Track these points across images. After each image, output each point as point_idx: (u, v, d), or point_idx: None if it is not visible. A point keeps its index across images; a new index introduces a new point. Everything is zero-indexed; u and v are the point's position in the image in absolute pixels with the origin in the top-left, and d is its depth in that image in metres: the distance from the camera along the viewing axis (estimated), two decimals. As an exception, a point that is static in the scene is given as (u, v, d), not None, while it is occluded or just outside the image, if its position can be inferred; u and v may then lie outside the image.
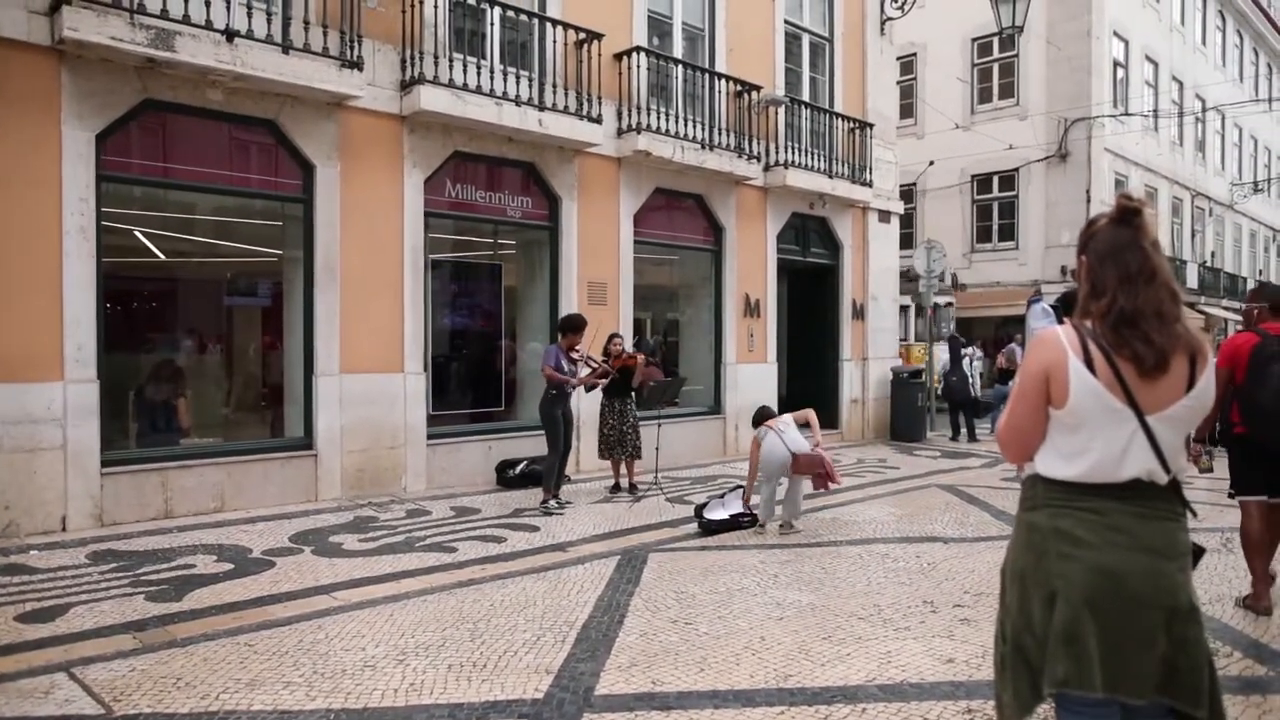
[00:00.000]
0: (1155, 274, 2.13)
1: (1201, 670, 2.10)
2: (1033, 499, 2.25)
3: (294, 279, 8.46)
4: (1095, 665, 2.05)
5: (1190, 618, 2.09)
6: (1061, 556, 2.13)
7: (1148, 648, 2.05)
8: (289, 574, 5.67)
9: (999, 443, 2.40)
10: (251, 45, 7.30)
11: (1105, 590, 2.07)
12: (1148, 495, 2.12)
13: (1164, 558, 2.10)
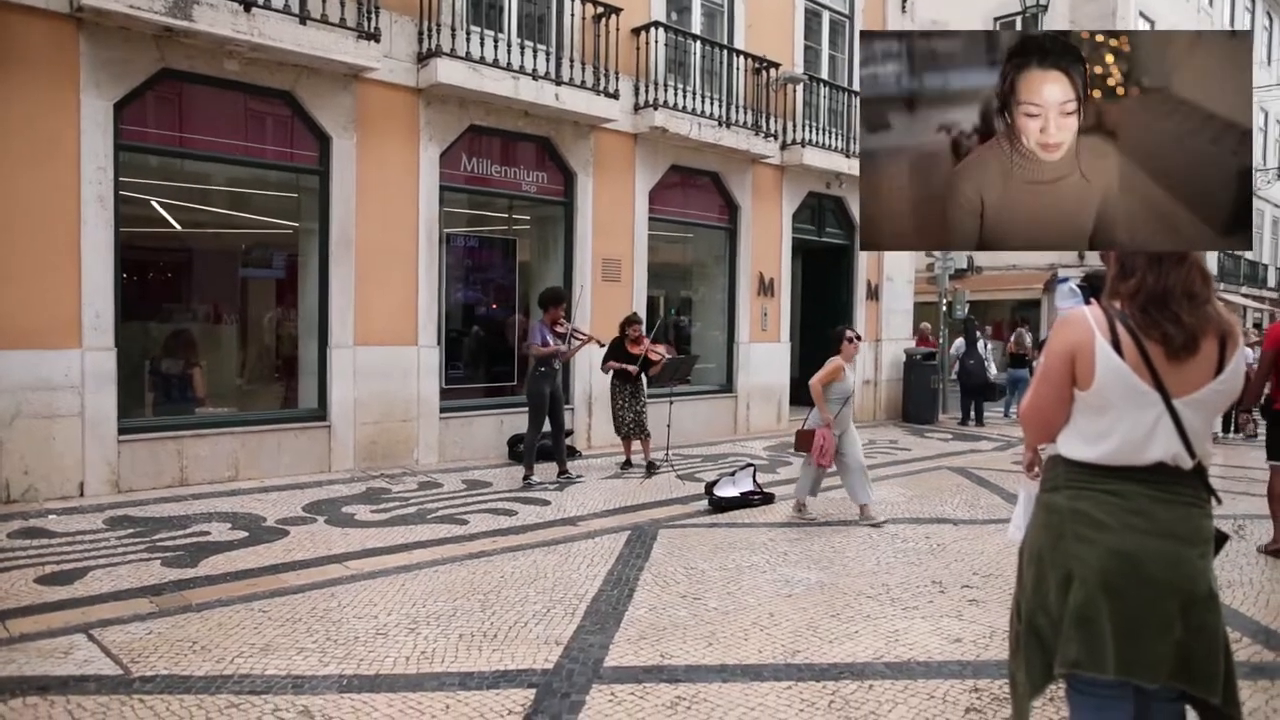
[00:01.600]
0: (1185, 254, 2.11)
1: (1217, 657, 2.09)
2: (1054, 480, 2.24)
3: (309, 251, 8.48)
4: (1109, 648, 2.05)
5: (1208, 605, 2.08)
6: (1079, 539, 2.12)
7: (1163, 633, 2.04)
8: (302, 543, 5.74)
9: (1022, 422, 2.38)
10: (269, 15, 7.29)
11: (1122, 574, 2.06)
12: (1171, 480, 2.11)
13: (1185, 543, 2.08)
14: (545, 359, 8.12)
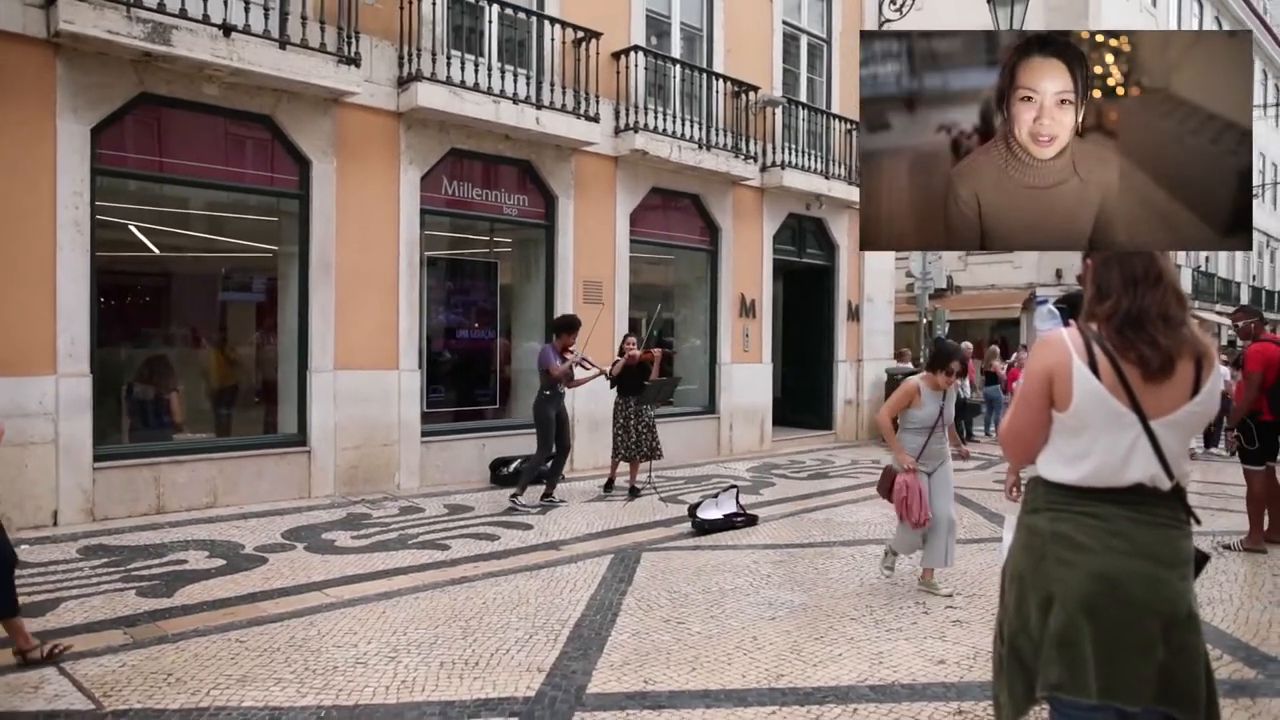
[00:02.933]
0: (1161, 276, 2.12)
1: (1199, 678, 2.09)
2: (1034, 501, 2.24)
3: (289, 275, 8.44)
4: (1090, 671, 2.05)
5: (1189, 626, 2.08)
6: (1060, 561, 2.12)
7: (1145, 655, 2.04)
8: (281, 570, 5.66)
9: (1001, 444, 2.39)
10: (249, 40, 7.29)
11: (1103, 596, 2.06)
12: (1150, 501, 2.11)
13: (1165, 565, 2.08)
14: (553, 383, 8.06)
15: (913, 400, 5.33)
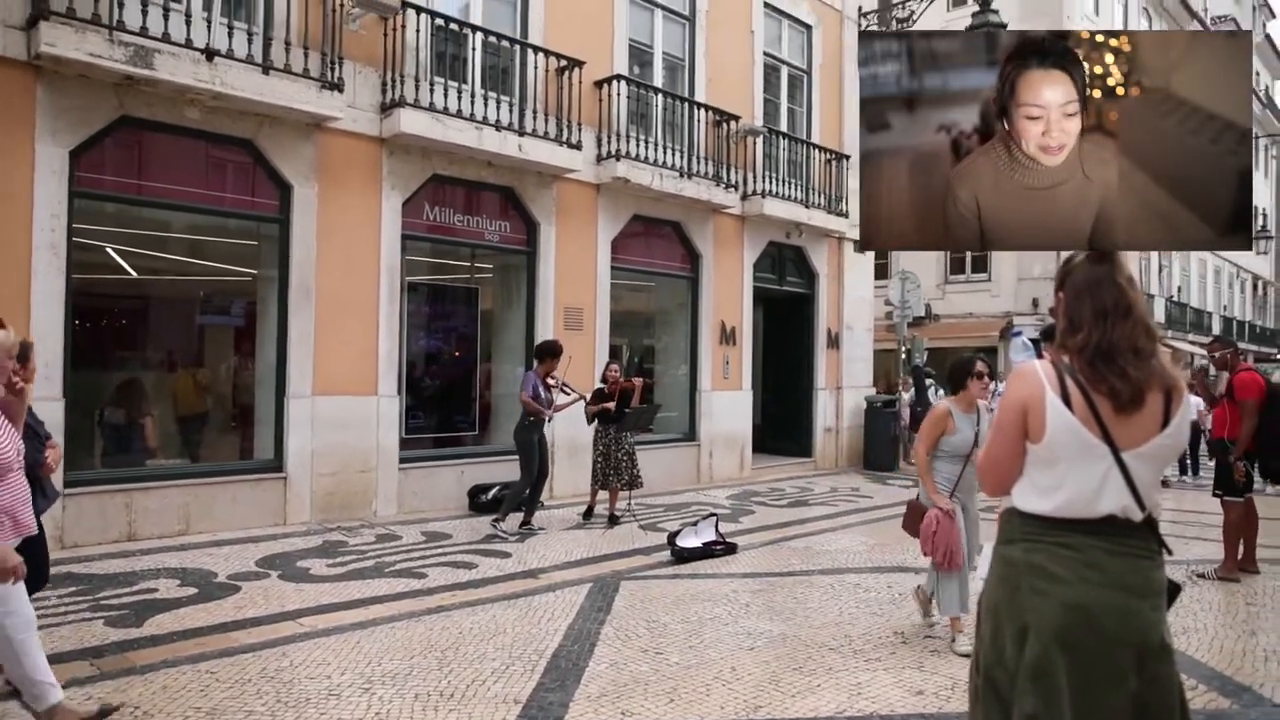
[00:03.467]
0: (1131, 309, 2.15)
1: (1173, 708, 2.10)
2: (1009, 532, 2.25)
3: (268, 299, 8.39)
4: (1065, 702, 2.05)
5: (1162, 656, 2.09)
6: (1035, 592, 2.12)
7: (1118, 686, 2.05)
8: (254, 599, 5.58)
9: (978, 475, 2.40)
10: (231, 65, 7.29)
11: (1077, 627, 2.07)
12: (1123, 532, 2.12)
13: (1137, 595, 2.09)
14: (534, 413, 8.05)
15: (945, 426, 4.93)
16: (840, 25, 14.38)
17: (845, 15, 14.45)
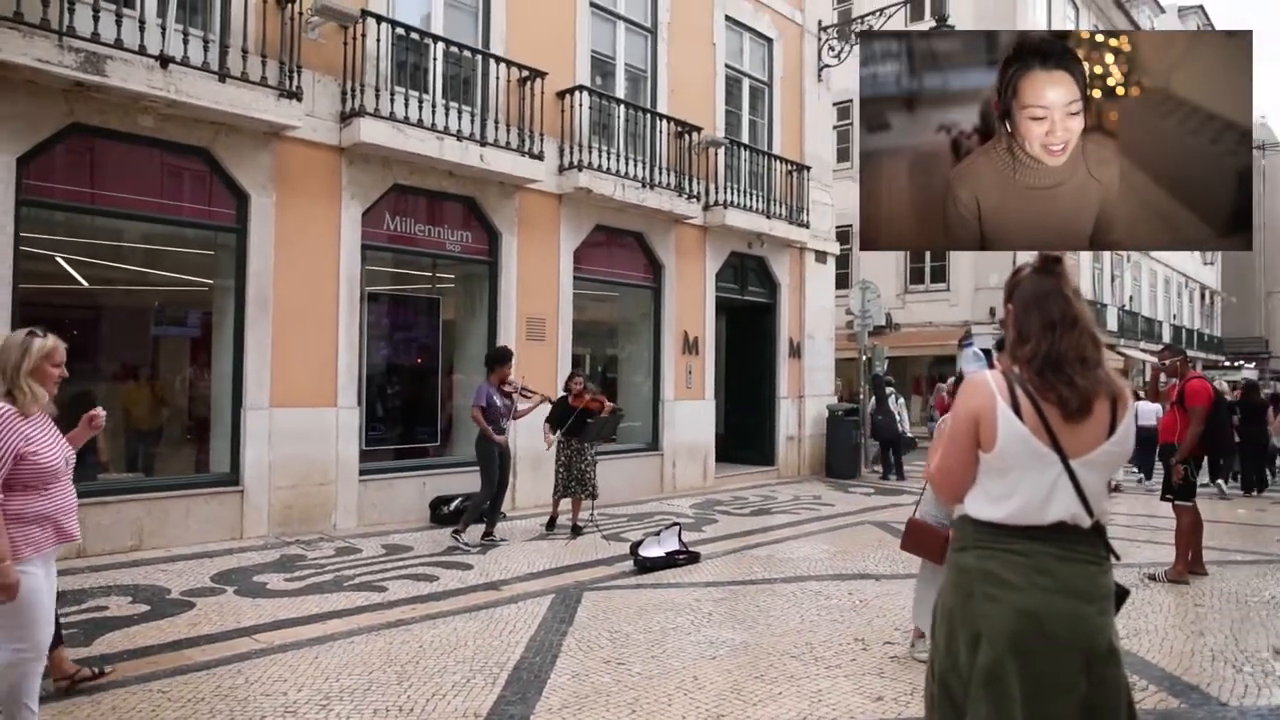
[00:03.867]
0: (1077, 320, 2.21)
1: (1120, 711, 2.15)
2: (963, 540, 2.29)
3: (225, 309, 8.26)
4: (1017, 707, 2.08)
5: (1109, 659, 2.14)
6: (987, 598, 2.16)
7: (1068, 689, 2.09)
8: (209, 616, 5.47)
9: (931, 484, 2.43)
10: (186, 72, 7.19)
11: (1027, 632, 2.11)
12: (1072, 538, 2.17)
13: (1084, 600, 2.14)
14: (493, 419, 8.00)
15: None
16: (801, 39, 14.56)
17: (806, 29, 14.64)
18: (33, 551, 3.19)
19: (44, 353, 3.36)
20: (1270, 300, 43.26)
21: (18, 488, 3.15)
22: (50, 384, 3.39)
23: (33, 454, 3.17)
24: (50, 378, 3.39)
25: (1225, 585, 6.75)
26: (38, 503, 3.22)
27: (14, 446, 3.12)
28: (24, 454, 3.15)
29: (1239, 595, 6.44)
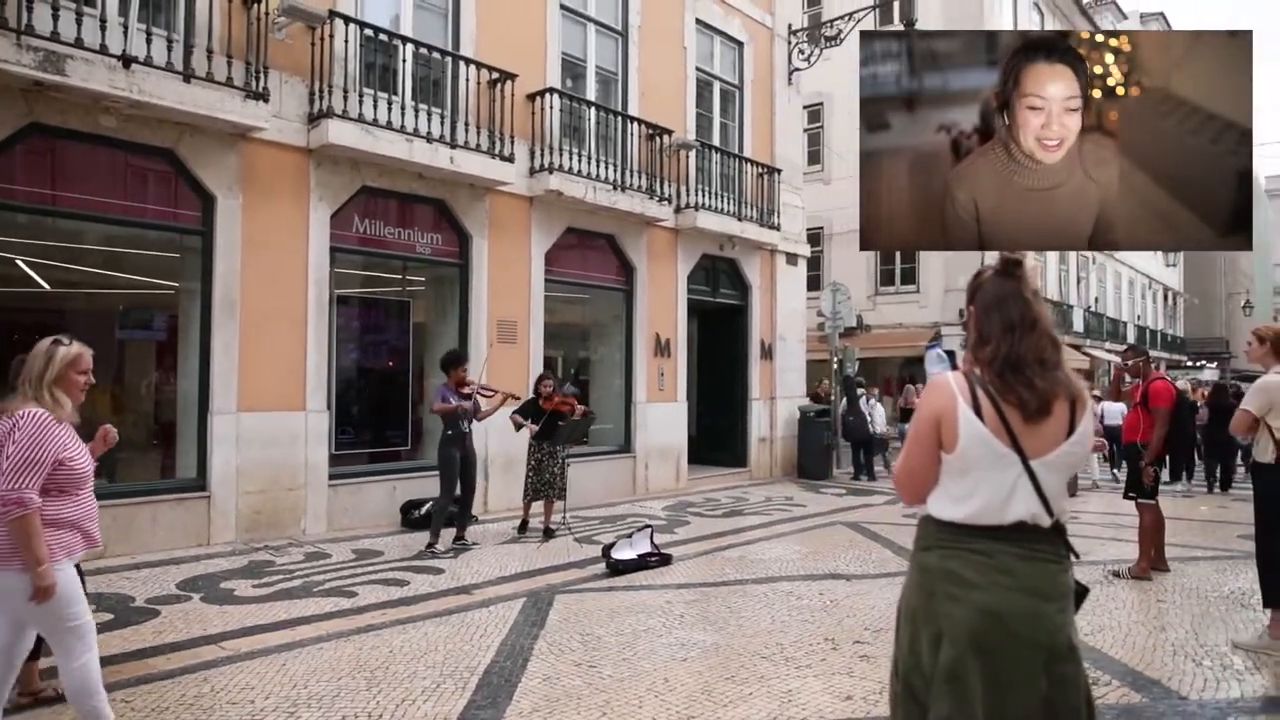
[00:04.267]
0: (1036, 322, 2.23)
1: (1080, 708, 2.17)
2: (925, 540, 2.31)
3: (191, 313, 8.16)
4: (978, 705, 2.11)
5: (1069, 657, 2.16)
6: (949, 598, 2.18)
7: (1029, 687, 2.11)
8: (174, 623, 5.39)
9: (895, 484, 2.46)
10: (150, 72, 7.09)
11: (988, 631, 2.13)
12: (1032, 538, 2.19)
13: (1045, 599, 2.16)
14: (453, 422, 7.97)
15: None
16: (771, 43, 14.65)
17: (776, 33, 14.73)
18: (65, 555, 3.28)
19: (68, 361, 3.40)
20: (1230, 302, 44.14)
21: (53, 492, 3.24)
22: (76, 392, 3.42)
23: (68, 459, 3.27)
24: (76, 386, 3.42)
25: (1187, 581, 6.87)
26: (69, 508, 3.31)
27: (54, 452, 3.21)
28: (61, 460, 3.24)
29: (1200, 591, 6.57)
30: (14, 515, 3.08)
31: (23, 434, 3.16)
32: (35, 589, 3.09)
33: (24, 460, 3.12)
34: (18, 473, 3.10)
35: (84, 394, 3.50)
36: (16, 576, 3.12)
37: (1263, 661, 4.89)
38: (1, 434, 3.20)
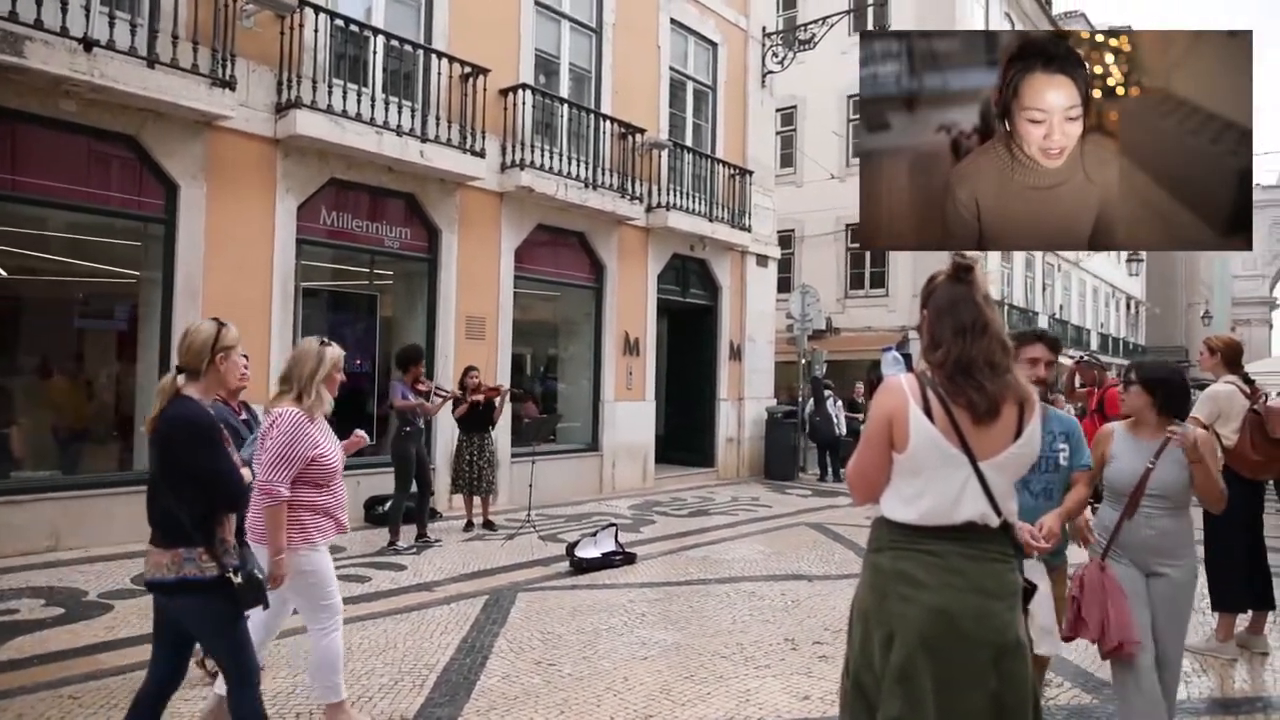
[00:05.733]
0: (987, 326, 2.26)
1: (1027, 704, 2.21)
2: (879, 541, 2.34)
3: (152, 302, 8.02)
4: (929, 703, 2.13)
5: (1017, 654, 2.20)
6: (901, 598, 2.21)
7: (979, 685, 2.15)
8: (127, 618, 5.30)
9: (848, 482, 2.49)
10: (112, 56, 6.96)
11: (939, 631, 2.16)
12: (981, 538, 2.23)
13: (994, 597, 2.20)
14: (409, 419, 7.93)
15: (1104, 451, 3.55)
16: (745, 44, 14.70)
17: (750, 35, 14.78)
18: (322, 539, 3.60)
19: (335, 361, 3.66)
20: (1190, 312, 45.03)
21: (309, 484, 3.53)
22: (334, 389, 3.68)
23: (321, 455, 3.54)
24: (335, 383, 3.68)
25: (1140, 585, 6.99)
26: (323, 497, 3.61)
27: (306, 449, 3.48)
28: (313, 456, 3.51)
29: (1152, 594, 6.68)
30: (266, 505, 3.37)
31: (280, 431, 3.43)
32: (270, 576, 3.27)
33: (279, 456, 3.41)
34: (274, 466, 3.39)
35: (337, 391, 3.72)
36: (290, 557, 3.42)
37: (1209, 664, 5.00)
38: (263, 429, 3.53)
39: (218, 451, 2.89)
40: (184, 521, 2.84)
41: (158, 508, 2.90)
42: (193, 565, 2.83)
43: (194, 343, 3.04)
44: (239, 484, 2.93)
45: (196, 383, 2.99)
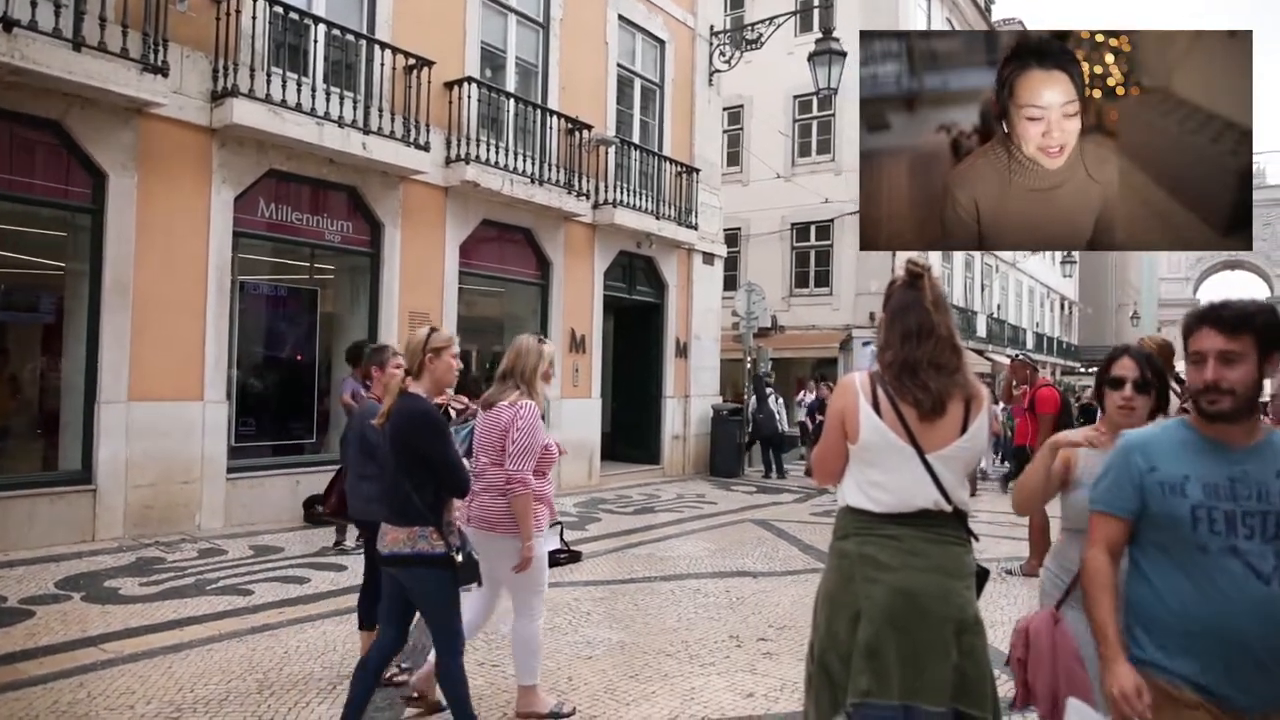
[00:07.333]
0: (933, 331, 2.40)
1: (986, 678, 2.34)
2: (844, 529, 2.48)
3: (79, 295, 7.72)
4: (895, 676, 2.25)
5: (976, 629, 2.34)
6: (867, 580, 2.34)
7: (942, 658, 2.27)
8: (50, 624, 5.09)
9: (813, 464, 2.61)
10: (34, 37, 6.67)
11: (903, 608, 2.29)
12: (938, 523, 2.37)
13: (952, 576, 2.35)
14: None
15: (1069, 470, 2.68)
16: (693, 43, 14.73)
17: (698, 34, 14.82)
18: (542, 525, 3.84)
19: (550, 357, 3.92)
20: (1120, 312, 46.60)
21: (536, 474, 3.76)
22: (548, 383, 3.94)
23: (546, 447, 3.82)
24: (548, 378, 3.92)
25: (1073, 578, 7.18)
26: (545, 486, 3.89)
27: (541, 440, 3.75)
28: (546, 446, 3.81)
29: (1084, 587, 6.87)
30: (518, 493, 3.62)
31: (524, 424, 3.68)
32: (521, 559, 3.62)
33: (524, 447, 3.67)
34: (521, 457, 3.66)
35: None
36: (513, 542, 3.66)
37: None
38: (505, 422, 3.71)
39: (448, 441, 3.28)
40: (418, 504, 3.20)
41: (399, 492, 3.23)
42: (425, 542, 3.21)
43: (410, 345, 3.41)
44: (465, 472, 3.32)
45: (419, 381, 3.36)
